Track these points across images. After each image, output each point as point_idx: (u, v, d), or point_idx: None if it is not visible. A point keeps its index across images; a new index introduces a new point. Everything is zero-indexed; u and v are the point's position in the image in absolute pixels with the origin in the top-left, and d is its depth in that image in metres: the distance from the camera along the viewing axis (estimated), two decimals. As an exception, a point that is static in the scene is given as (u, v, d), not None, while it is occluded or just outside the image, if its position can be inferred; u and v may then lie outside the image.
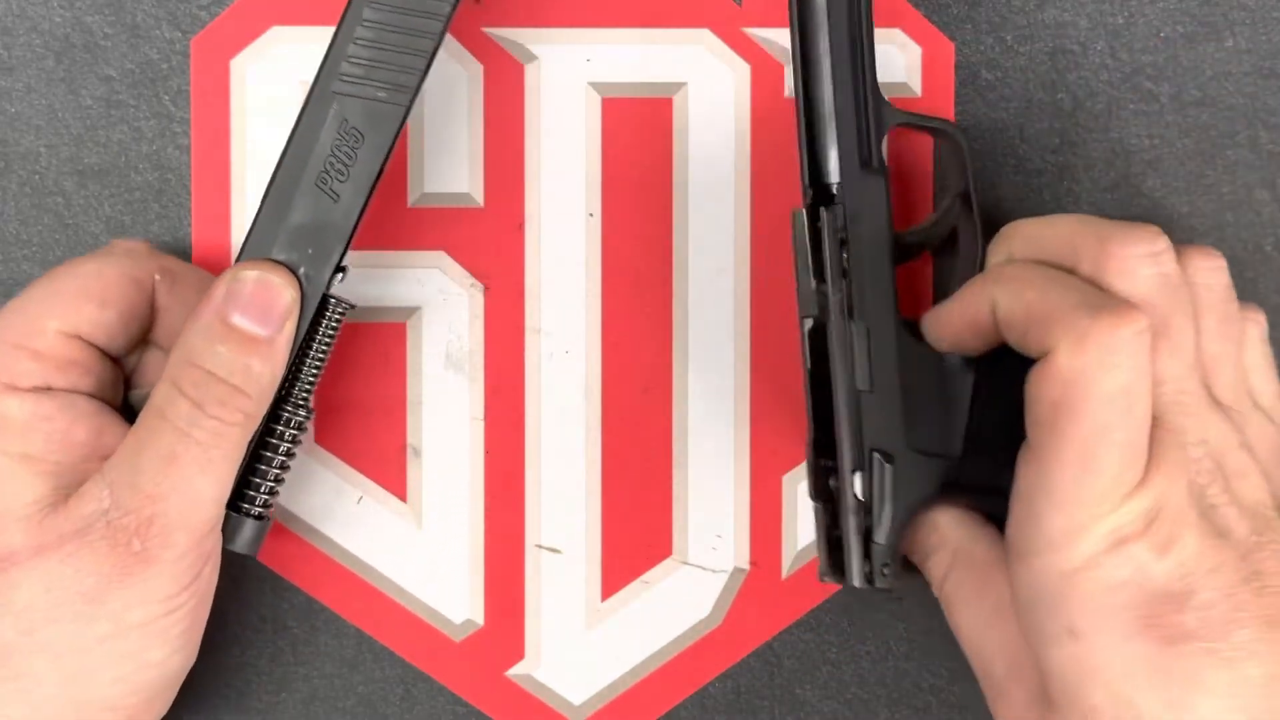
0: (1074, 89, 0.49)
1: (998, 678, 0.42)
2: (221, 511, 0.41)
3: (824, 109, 0.44)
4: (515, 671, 0.49)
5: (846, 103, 0.44)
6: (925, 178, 0.49)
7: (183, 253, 0.49)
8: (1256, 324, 0.43)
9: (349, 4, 0.42)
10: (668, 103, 0.49)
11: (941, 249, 0.47)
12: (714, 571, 0.49)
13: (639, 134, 0.49)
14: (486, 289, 0.49)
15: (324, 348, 0.43)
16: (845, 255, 0.44)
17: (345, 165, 0.42)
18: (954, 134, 0.46)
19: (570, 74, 0.49)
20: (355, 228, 0.42)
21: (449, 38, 0.49)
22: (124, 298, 0.43)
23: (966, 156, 0.46)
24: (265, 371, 0.41)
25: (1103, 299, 0.39)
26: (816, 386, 0.45)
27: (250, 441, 0.42)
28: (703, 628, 0.49)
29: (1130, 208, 0.49)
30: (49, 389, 0.41)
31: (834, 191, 0.44)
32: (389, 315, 0.49)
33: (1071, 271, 0.41)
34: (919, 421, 0.44)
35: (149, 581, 0.40)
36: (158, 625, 0.40)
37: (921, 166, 0.49)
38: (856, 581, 0.44)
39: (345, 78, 0.42)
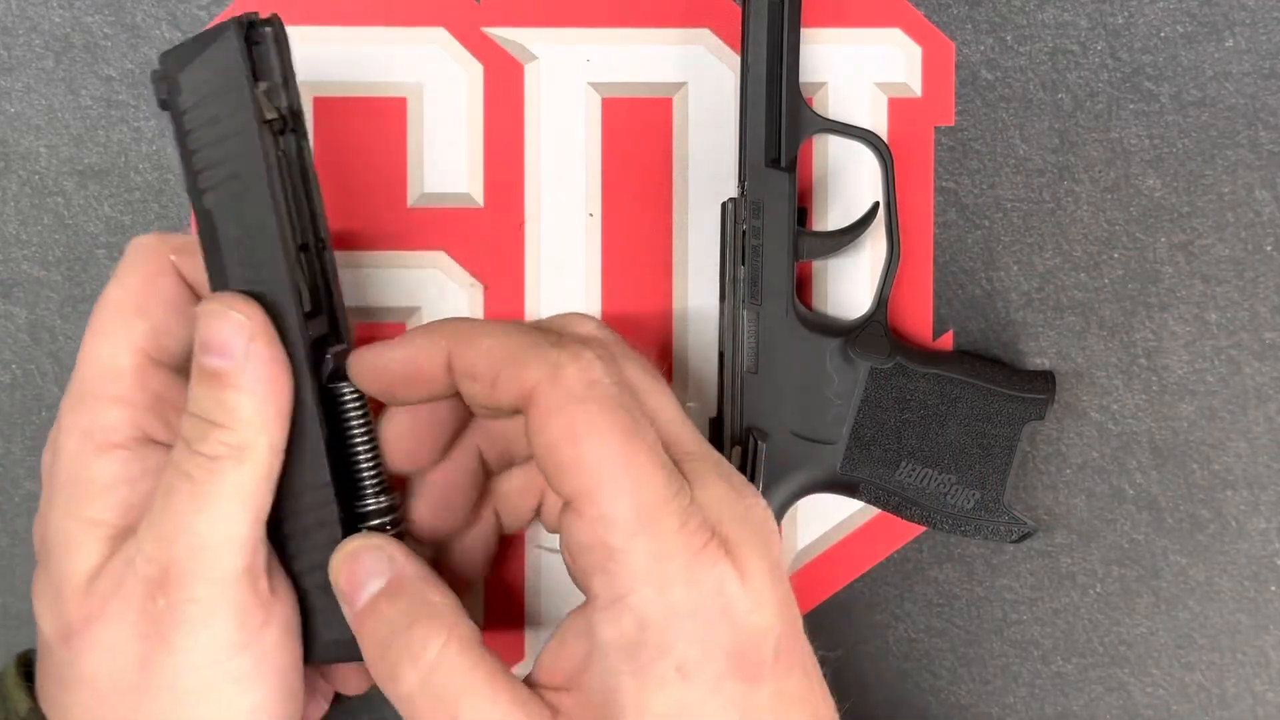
0: (1074, 89, 0.49)
1: None
2: (242, 561, 0.39)
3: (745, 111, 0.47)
4: (515, 671, 0.49)
5: (757, 105, 0.47)
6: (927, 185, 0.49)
7: (183, 253, 0.49)
8: None
9: (174, 128, 0.40)
10: (668, 103, 0.49)
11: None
12: (714, 571, 0.49)
13: (639, 134, 0.49)
14: (486, 289, 0.49)
15: (357, 435, 0.41)
16: (743, 243, 0.46)
17: (253, 263, 0.40)
18: (876, 142, 0.48)
19: (570, 74, 0.49)
20: (313, 312, 0.40)
21: (450, 38, 0.49)
22: (157, 295, 0.41)
23: (888, 165, 0.48)
24: (242, 400, 0.39)
25: (554, 335, 0.38)
26: (721, 368, 0.48)
27: (272, 487, 0.40)
28: (703, 628, 0.49)
29: (1130, 208, 0.49)
30: (147, 440, 0.40)
31: (744, 185, 0.47)
32: (389, 315, 0.49)
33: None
34: (801, 408, 0.47)
35: (188, 643, 0.38)
36: (222, 693, 0.39)
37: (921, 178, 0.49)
38: None
39: (205, 189, 0.40)
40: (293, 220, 0.40)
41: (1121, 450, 0.49)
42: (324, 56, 0.47)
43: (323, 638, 0.41)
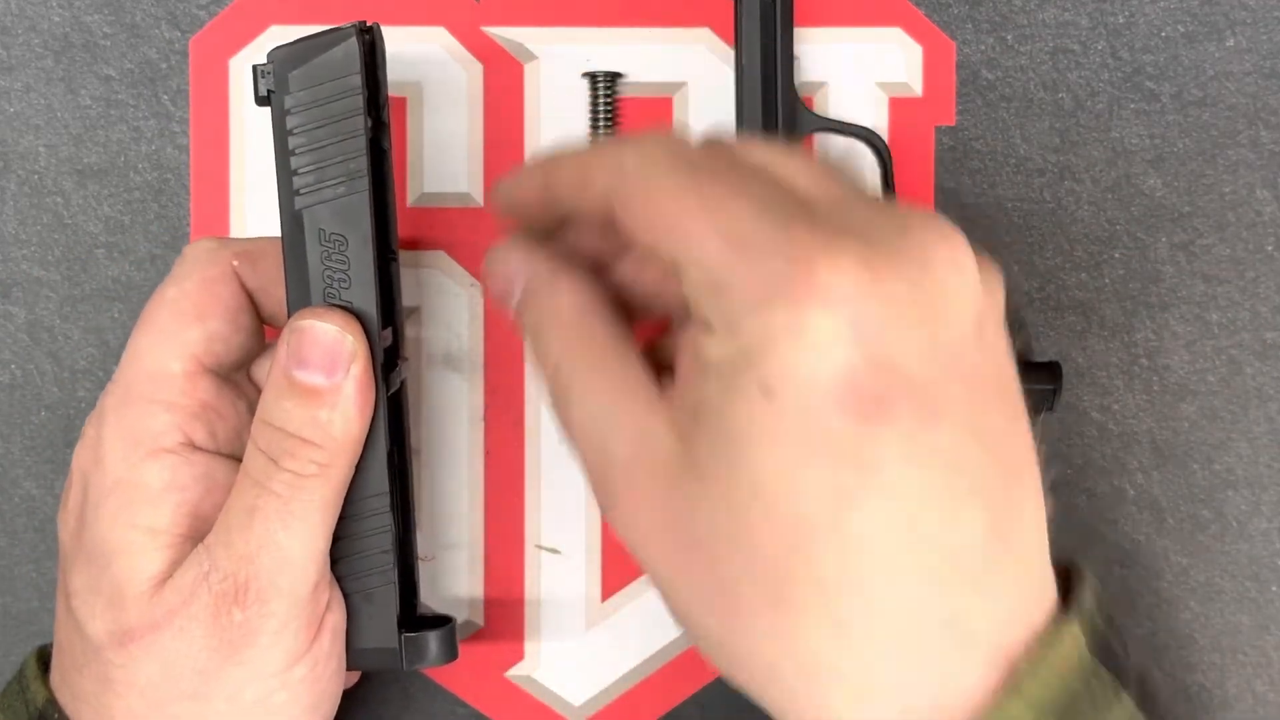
0: (1075, 88, 0.49)
1: (622, 459, 0.34)
2: (317, 575, 0.40)
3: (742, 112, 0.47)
4: (515, 672, 0.49)
5: (753, 106, 0.47)
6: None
7: (182, 253, 0.49)
8: None
9: (273, 126, 0.40)
10: (668, 102, 0.49)
11: None
12: (714, 572, 0.49)
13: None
14: (486, 289, 0.49)
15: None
16: None
17: (343, 271, 0.40)
18: (872, 138, 0.48)
19: (570, 74, 0.49)
20: (383, 323, 0.41)
21: (450, 38, 0.49)
22: (216, 302, 0.41)
23: (886, 161, 0.48)
24: (335, 419, 0.39)
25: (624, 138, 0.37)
26: None
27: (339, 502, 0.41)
28: (703, 628, 0.49)
29: (1131, 207, 0.49)
30: (193, 447, 0.40)
31: None
32: (389, 315, 0.49)
33: None
34: None
35: (258, 655, 0.39)
36: (275, 700, 0.39)
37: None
38: None
39: (302, 191, 0.40)
40: (382, 230, 0.41)
41: (1122, 450, 0.49)
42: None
43: (357, 646, 0.42)
